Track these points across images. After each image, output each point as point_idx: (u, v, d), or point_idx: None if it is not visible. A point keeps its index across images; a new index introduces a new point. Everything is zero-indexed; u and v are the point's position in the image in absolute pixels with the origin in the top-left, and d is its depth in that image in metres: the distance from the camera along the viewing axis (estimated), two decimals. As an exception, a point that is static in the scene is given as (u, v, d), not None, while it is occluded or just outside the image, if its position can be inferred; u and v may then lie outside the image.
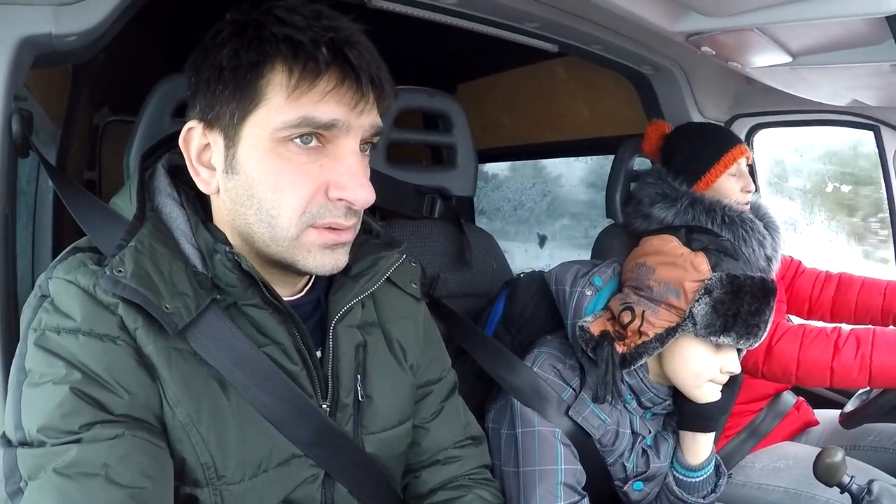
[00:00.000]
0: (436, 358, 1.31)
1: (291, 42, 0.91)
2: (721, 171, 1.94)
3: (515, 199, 4.90)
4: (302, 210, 0.94)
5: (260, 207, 0.95)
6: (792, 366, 1.74)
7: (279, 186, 0.93)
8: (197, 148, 0.99)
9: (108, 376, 0.88)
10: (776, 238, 1.97)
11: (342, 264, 1.01)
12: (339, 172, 0.95)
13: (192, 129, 0.98)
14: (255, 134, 0.93)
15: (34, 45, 1.10)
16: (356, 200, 0.95)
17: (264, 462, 1.00)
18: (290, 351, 1.03)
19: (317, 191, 0.94)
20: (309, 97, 0.91)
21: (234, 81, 0.93)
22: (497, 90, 3.22)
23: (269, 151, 0.93)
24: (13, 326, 1.09)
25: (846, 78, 1.76)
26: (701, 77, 2.28)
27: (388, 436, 1.16)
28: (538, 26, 1.86)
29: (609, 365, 1.43)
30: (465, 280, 1.97)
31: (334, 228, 0.97)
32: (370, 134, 0.99)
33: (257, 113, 0.93)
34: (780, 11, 1.27)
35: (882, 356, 1.64)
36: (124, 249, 0.92)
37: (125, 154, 1.38)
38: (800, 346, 1.73)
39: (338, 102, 0.92)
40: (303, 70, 0.91)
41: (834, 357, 1.68)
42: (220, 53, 0.94)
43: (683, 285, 1.41)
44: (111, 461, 0.84)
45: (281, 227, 0.95)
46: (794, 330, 1.77)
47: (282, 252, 0.97)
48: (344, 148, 0.96)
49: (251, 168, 0.94)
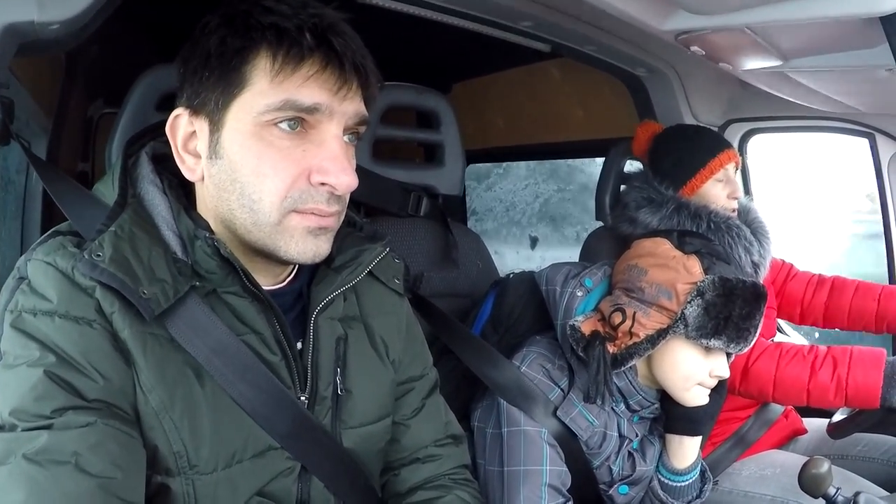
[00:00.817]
0: (418, 355, 1.30)
1: (277, 29, 0.92)
2: (707, 176, 1.93)
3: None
4: (284, 194, 0.94)
5: (242, 192, 0.95)
6: (769, 386, 1.74)
7: (261, 170, 0.94)
8: (183, 136, 0.99)
9: (83, 360, 0.88)
10: (764, 244, 1.96)
11: (324, 253, 1.01)
12: (322, 157, 0.95)
13: (178, 117, 0.99)
14: (239, 118, 0.94)
15: (16, 32, 1.09)
16: (338, 185, 0.95)
17: (238, 452, 0.98)
18: (270, 341, 1.03)
19: (299, 175, 0.95)
20: (292, 81, 0.92)
21: (220, 67, 0.94)
22: (492, 90, 3.23)
23: (252, 135, 0.93)
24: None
25: (840, 83, 1.76)
26: (695, 80, 2.28)
27: (366, 431, 1.15)
28: (531, 25, 1.86)
29: (600, 364, 1.42)
30: (450, 279, 1.97)
31: (317, 214, 0.97)
32: (354, 122, 0.99)
33: (242, 97, 0.93)
34: (770, 11, 1.27)
35: (858, 378, 1.63)
36: (104, 234, 0.92)
37: (108, 144, 1.39)
38: (776, 367, 1.72)
39: (320, 87, 0.93)
40: (286, 55, 0.92)
41: (810, 379, 1.67)
42: (209, 42, 0.95)
43: (676, 287, 1.41)
44: (82, 449, 0.83)
45: (263, 213, 0.95)
46: (770, 350, 1.76)
47: (264, 238, 0.97)
48: (327, 133, 0.96)
49: (234, 152, 0.94)
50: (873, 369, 1.62)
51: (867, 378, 1.62)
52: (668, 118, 2.31)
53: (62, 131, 2.23)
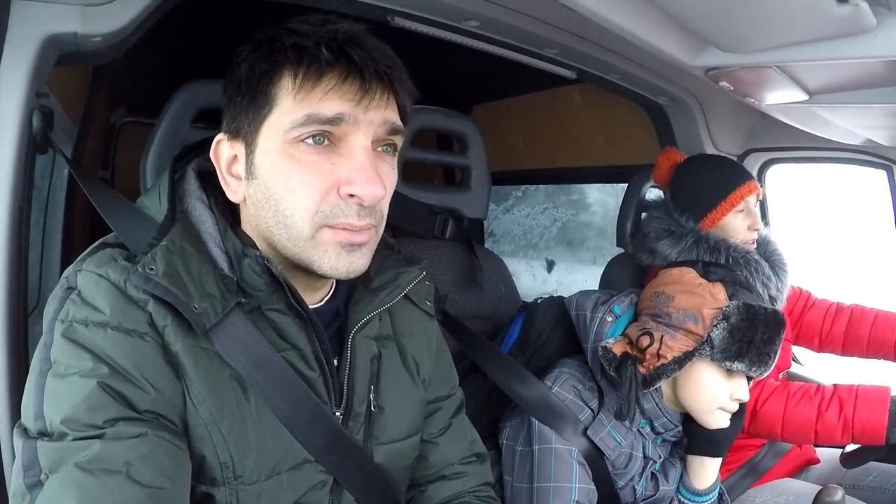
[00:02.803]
0: (446, 375, 1.33)
1: (298, 48, 0.94)
2: (728, 208, 1.95)
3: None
4: (315, 209, 0.95)
5: (276, 209, 0.97)
6: (777, 427, 1.78)
7: (291, 186, 0.95)
8: (226, 160, 1.02)
9: (135, 371, 0.89)
10: (782, 277, 1.97)
11: (359, 268, 1.01)
12: (349, 168, 0.96)
13: (220, 142, 1.02)
14: (268, 138, 0.96)
15: (59, 43, 1.10)
16: (365, 195, 0.95)
17: (279, 465, 1.01)
18: (309, 357, 1.04)
19: (329, 189, 0.96)
20: (313, 95, 0.94)
21: (250, 92, 0.97)
22: (512, 113, 3.24)
23: (281, 153, 0.95)
24: (21, 317, 1.10)
25: (861, 117, 1.78)
26: (716, 110, 2.30)
27: (396, 447, 1.17)
28: (558, 52, 1.88)
29: (632, 383, 1.47)
30: (473, 302, 1.98)
31: (349, 230, 0.98)
32: (384, 131, 1.00)
33: (270, 118, 0.96)
34: (800, 50, 1.30)
35: (864, 416, 1.66)
36: (156, 248, 0.93)
37: (143, 156, 1.40)
38: (784, 408, 1.76)
39: (341, 98, 0.94)
40: (307, 71, 0.94)
41: (818, 419, 1.71)
42: (240, 69, 0.98)
43: (702, 312, 1.48)
44: (133, 459, 0.85)
45: (296, 228, 0.97)
46: (778, 391, 1.79)
47: (299, 253, 0.98)
48: (354, 144, 0.97)
49: (266, 171, 0.97)
50: (878, 408, 1.66)
51: (873, 416, 1.65)
52: (689, 146, 2.33)
53: (86, 138, 2.24)
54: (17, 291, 1.08)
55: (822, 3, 1.07)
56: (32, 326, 1.29)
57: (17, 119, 1.03)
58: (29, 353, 1.12)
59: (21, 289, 1.10)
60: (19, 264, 1.07)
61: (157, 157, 1.39)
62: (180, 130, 1.41)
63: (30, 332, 1.16)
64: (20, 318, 1.09)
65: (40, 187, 2.23)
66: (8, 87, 1.02)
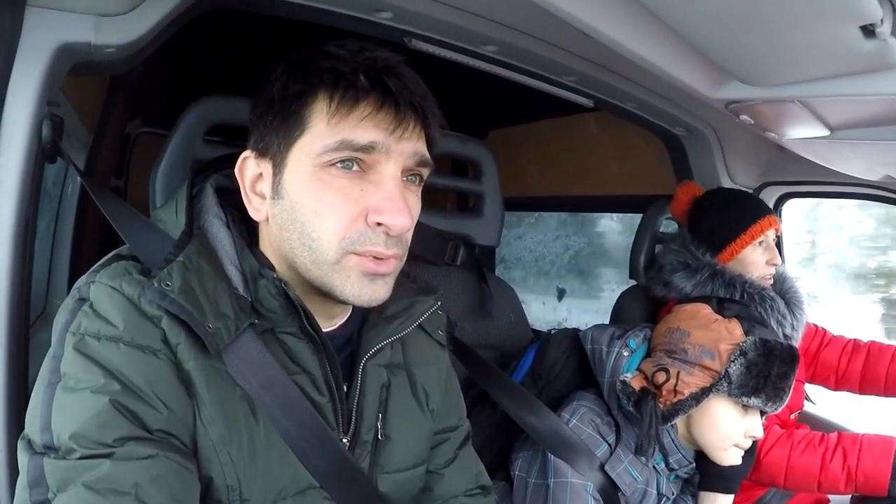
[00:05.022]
0: (454, 406, 1.31)
1: (334, 72, 0.94)
2: (747, 242, 1.94)
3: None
4: (342, 235, 0.95)
5: (302, 231, 0.96)
6: (780, 476, 1.77)
7: (319, 210, 0.95)
8: (251, 177, 1.01)
9: (147, 389, 0.88)
10: (798, 315, 1.96)
11: (381, 297, 1.00)
12: (378, 197, 0.95)
13: (246, 159, 1.01)
14: (299, 160, 0.95)
15: (72, 52, 1.10)
16: (393, 225, 0.95)
17: (284, 490, 0.99)
18: (319, 382, 1.03)
19: (357, 216, 0.95)
20: (348, 121, 0.93)
21: (282, 112, 0.96)
22: (528, 139, 3.24)
23: (310, 176, 0.95)
24: (24, 325, 1.09)
25: (880, 153, 1.76)
26: (733, 142, 2.28)
27: (402, 477, 1.15)
28: (575, 80, 1.87)
29: (652, 418, 1.47)
30: (482, 330, 1.96)
31: (375, 257, 0.97)
32: (413, 162, 0.99)
33: (302, 140, 0.95)
34: (825, 85, 1.28)
35: (867, 467, 1.65)
36: (172, 263, 0.92)
37: (154, 168, 1.39)
38: (787, 458, 1.75)
39: (375, 126, 0.94)
40: (342, 97, 0.93)
41: (821, 470, 1.71)
42: (273, 88, 0.97)
43: (718, 348, 1.49)
44: (142, 481, 0.83)
45: (321, 251, 0.95)
46: (782, 440, 1.78)
47: (322, 277, 0.97)
48: (385, 173, 0.96)
49: (294, 192, 0.96)
50: (882, 459, 1.65)
51: (876, 468, 1.65)
52: (705, 178, 2.32)
53: (100, 147, 2.25)
54: (20, 299, 1.07)
55: (849, 38, 1.05)
56: (37, 334, 1.28)
57: (27, 127, 1.02)
58: (30, 361, 1.11)
59: (24, 296, 1.09)
60: (23, 270, 1.06)
61: (168, 170, 1.39)
62: (192, 145, 1.41)
63: (34, 340, 1.15)
64: (22, 326, 1.08)
65: (52, 195, 2.24)
66: (19, 95, 1.01)
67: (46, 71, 1.03)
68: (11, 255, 1.02)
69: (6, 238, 1.01)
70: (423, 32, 1.57)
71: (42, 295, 2.16)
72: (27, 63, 1.02)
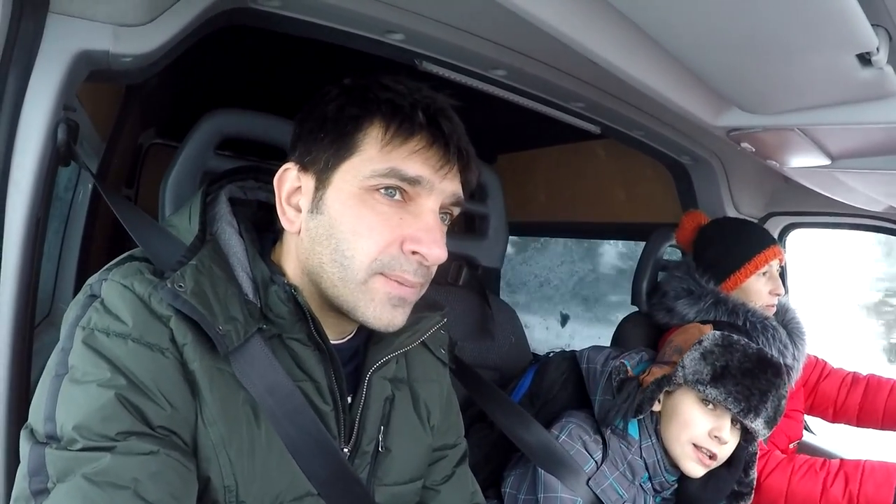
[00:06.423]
0: (453, 424, 1.33)
1: (392, 104, 0.98)
2: (751, 271, 1.95)
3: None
4: (375, 256, 0.97)
5: (336, 248, 0.98)
6: (780, 501, 1.77)
7: (358, 230, 0.97)
8: (289, 189, 1.04)
9: (153, 386, 0.89)
10: (799, 346, 1.96)
11: (398, 324, 1.03)
12: (416, 227, 0.99)
13: (287, 170, 1.04)
14: (345, 179, 0.98)
15: (90, 59, 1.11)
16: (429, 255, 0.98)
17: (282, 494, 1.00)
18: (324, 390, 1.05)
19: (392, 241, 0.98)
20: (399, 152, 0.97)
21: (336, 131, 1.00)
22: (536, 164, 3.26)
23: (355, 197, 0.98)
24: (29, 324, 1.10)
25: (884, 184, 1.77)
26: (739, 172, 2.30)
27: (398, 490, 1.16)
28: (583, 107, 1.89)
29: (633, 392, 1.54)
30: (482, 350, 1.96)
31: (401, 283, 1.00)
32: (450, 202, 1.04)
33: (351, 161, 0.99)
34: (822, 114, 1.30)
35: (869, 493, 1.64)
36: (185, 266, 0.95)
37: (164, 178, 1.41)
38: (788, 483, 1.75)
39: (424, 162, 0.98)
40: (398, 128, 0.97)
41: (822, 495, 1.70)
42: (327, 107, 1.02)
43: (686, 344, 1.56)
44: (142, 476, 0.84)
45: (352, 269, 0.98)
46: (783, 464, 1.78)
47: (346, 294, 1.00)
48: (425, 207, 1.00)
49: (335, 210, 0.99)
50: (884, 485, 1.64)
51: (878, 494, 1.64)
52: (710, 207, 2.33)
53: (113, 156, 2.26)
54: (28, 296, 1.08)
55: (846, 66, 1.07)
56: (41, 336, 1.30)
57: (43, 129, 1.04)
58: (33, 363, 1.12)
59: (31, 295, 1.10)
60: (31, 269, 1.07)
61: (178, 180, 1.41)
62: (203, 156, 1.43)
63: (38, 342, 1.16)
64: (27, 325, 1.09)
65: (63, 199, 2.26)
66: (37, 98, 1.03)
67: (64, 76, 1.05)
68: (22, 251, 1.03)
69: (17, 235, 1.03)
70: (433, 55, 1.59)
71: (48, 298, 2.17)
72: (46, 67, 1.03)
